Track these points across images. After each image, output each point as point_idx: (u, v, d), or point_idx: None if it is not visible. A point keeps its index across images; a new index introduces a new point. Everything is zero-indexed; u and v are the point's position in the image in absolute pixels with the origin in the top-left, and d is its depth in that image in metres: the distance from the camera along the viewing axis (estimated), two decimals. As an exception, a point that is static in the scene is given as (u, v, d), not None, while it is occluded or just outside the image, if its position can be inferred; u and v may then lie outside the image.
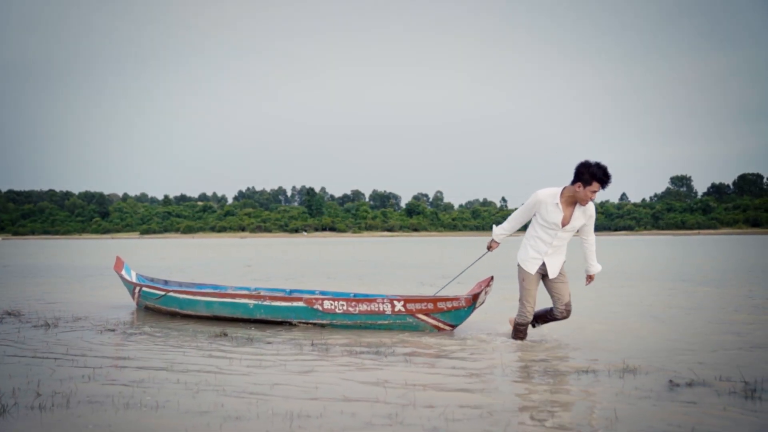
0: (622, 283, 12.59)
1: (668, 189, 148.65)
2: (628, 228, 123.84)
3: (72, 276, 16.10)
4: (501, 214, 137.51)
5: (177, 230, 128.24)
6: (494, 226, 6.01)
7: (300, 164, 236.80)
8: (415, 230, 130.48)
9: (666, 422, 3.61)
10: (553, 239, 5.66)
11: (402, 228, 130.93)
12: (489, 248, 6.09)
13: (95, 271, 17.87)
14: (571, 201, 5.58)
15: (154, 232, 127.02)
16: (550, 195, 5.58)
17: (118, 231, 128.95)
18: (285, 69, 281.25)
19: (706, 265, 19.31)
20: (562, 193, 5.57)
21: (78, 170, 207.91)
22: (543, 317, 6.08)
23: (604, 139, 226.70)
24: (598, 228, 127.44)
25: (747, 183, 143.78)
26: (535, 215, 5.72)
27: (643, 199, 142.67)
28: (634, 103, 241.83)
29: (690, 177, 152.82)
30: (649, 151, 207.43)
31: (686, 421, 3.61)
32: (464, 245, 49.14)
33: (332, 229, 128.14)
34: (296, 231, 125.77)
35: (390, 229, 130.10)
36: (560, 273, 5.80)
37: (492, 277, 6.71)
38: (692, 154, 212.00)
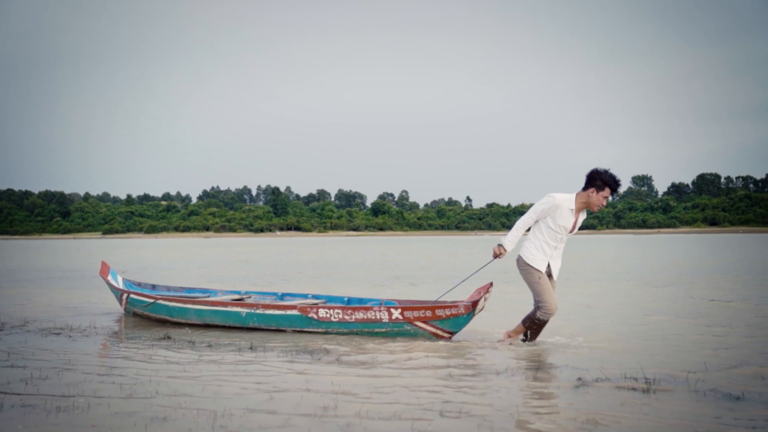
0: (573, 284, 12.98)
1: (630, 188, 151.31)
2: (591, 227, 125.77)
3: (27, 278, 16.02)
4: (466, 213, 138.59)
5: (140, 230, 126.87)
6: (503, 238, 5.93)
7: (265, 163, 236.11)
8: (381, 229, 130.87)
9: (568, 417, 3.90)
10: (558, 243, 5.86)
11: (367, 227, 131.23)
12: (498, 256, 5.95)
13: (52, 273, 17.79)
14: (582, 207, 5.80)
15: (117, 232, 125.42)
16: (566, 200, 5.75)
17: (79, 231, 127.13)
18: (264, 69, 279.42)
19: (656, 265, 19.90)
20: (576, 200, 5.77)
21: (38, 169, 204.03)
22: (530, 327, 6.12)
23: (567, 139, 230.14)
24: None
25: (705, 182, 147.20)
26: (543, 219, 5.85)
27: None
28: (597, 104, 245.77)
29: (651, 177, 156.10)
30: (611, 150, 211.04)
31: (584, 415, 3.91)
32: (428, 244, 49.57)
33: (297, 228, 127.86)
34: (261, 231, 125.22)
35: (355, 229, 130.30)
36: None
37: (491, 284, 6.59)
38: (653, 154, 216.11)
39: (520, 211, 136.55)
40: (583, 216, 5.87)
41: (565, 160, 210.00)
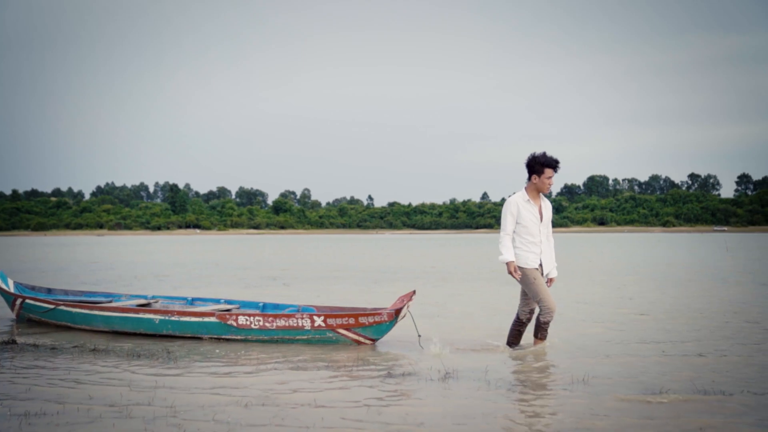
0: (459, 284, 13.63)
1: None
2: (488, 226, 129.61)
3: None
4: (368, 212, 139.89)
5: (27, 227, 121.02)
6: (501, 256, 6.01)
7: (163, 159, 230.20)
8: (282, 228, 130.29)
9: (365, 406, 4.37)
10: (538, 236, 6.03)
11: (269, 226, 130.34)
12: (514, 272, 5.97)
13: None
14: (535, 195, 6.06)
15: (0, 229, 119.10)
16: (519, 197, 6.04)
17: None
18: (157, 61, 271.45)
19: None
20: (527, 192, 6.05)
21: None
22: (519, 334, 6.30)
23: (466, 138, 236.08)
24: (459, 226, 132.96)
25: (595, 184, 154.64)
26: (516, 222, 6.02)
27: (503, 198, 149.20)
28: (490, 104, 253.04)
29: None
30: (508, 151, 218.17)
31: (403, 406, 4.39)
32: (329, 243, 49.91)
33: (197, 226, 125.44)
34: (158, 229, 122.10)
35: (256, 227, 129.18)
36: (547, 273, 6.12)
37: (414, 292, 6.74)
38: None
39: (421, 210, 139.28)
40: (546, 203, 6.13)
41: (470, 161, 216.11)
